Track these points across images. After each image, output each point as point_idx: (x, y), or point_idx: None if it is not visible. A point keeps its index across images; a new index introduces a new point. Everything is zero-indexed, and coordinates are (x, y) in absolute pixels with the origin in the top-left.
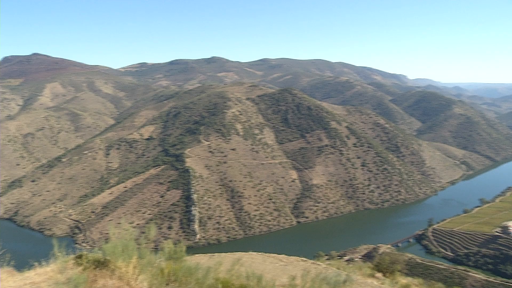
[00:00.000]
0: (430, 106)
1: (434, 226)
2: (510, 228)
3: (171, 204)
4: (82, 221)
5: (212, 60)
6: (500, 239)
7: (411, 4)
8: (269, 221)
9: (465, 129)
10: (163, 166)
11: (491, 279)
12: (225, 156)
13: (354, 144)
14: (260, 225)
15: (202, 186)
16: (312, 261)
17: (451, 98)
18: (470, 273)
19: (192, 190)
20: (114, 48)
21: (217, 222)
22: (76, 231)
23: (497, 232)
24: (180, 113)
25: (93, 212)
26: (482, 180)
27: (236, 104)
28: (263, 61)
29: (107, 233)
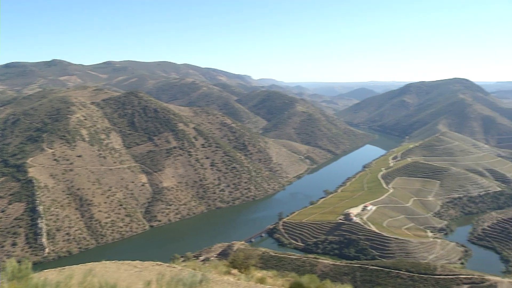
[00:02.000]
0: (274, 105)
1: (284, 220)
2: (351, 215)
3: (14, 219)
4: None
5: (53, 63)
6: (343, 226)
7: (251, 8)
8: (121, 227)
9: (308, 125)
10: (2, 178)
11: (338, 262)
12: (71, 163)
13: (202, 144)
14: (112, 233)
15: (48, 197)
16: (167, 264)
17: (293, 97)
18: (320, 260)
19: (37, 201)
20: None
21: (67, 233)
22: None
23: (340, 219)
24: (20, 120)
25: None
26: (325, 172)
27: (80, 109)
28: (107, 63)
29: None
